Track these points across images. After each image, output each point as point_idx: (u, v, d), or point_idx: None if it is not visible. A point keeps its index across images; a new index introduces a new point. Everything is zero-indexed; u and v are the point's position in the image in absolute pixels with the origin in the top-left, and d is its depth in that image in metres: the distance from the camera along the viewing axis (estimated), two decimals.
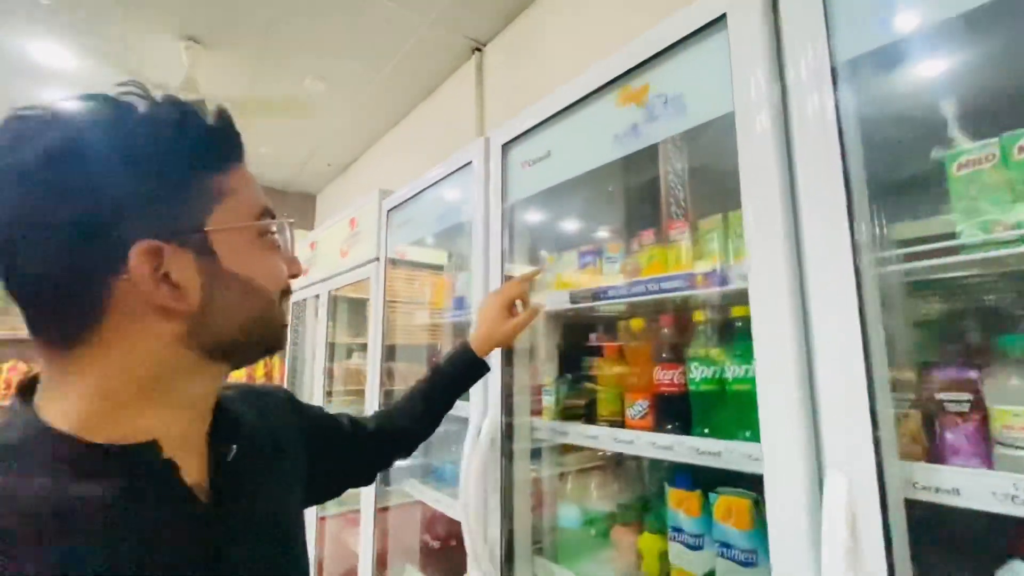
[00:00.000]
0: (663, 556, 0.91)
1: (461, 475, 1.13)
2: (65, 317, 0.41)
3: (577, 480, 1.14)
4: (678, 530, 0.88)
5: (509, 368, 1.16)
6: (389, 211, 1.80)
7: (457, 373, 0.94)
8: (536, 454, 1.21)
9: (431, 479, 1.58)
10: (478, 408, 1.19)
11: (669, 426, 0.91)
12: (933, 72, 0.71)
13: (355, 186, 3.64)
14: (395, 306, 1.86)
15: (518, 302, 1.02)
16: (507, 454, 1.14)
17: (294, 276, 0.56)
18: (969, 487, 0.54)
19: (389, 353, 1.80)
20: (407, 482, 1.64)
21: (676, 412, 0.91)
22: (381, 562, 1.73)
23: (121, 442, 0.42)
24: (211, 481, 0.48)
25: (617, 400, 1.03)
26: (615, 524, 1.02)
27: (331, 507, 2.30)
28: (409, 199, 1.69)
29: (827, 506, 0.57)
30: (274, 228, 0.52)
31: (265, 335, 0.51)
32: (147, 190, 0.42)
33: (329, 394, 2.42)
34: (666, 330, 0.97)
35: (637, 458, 1.16)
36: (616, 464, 1.14)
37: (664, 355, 0.94)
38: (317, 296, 2.48)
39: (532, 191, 1.13)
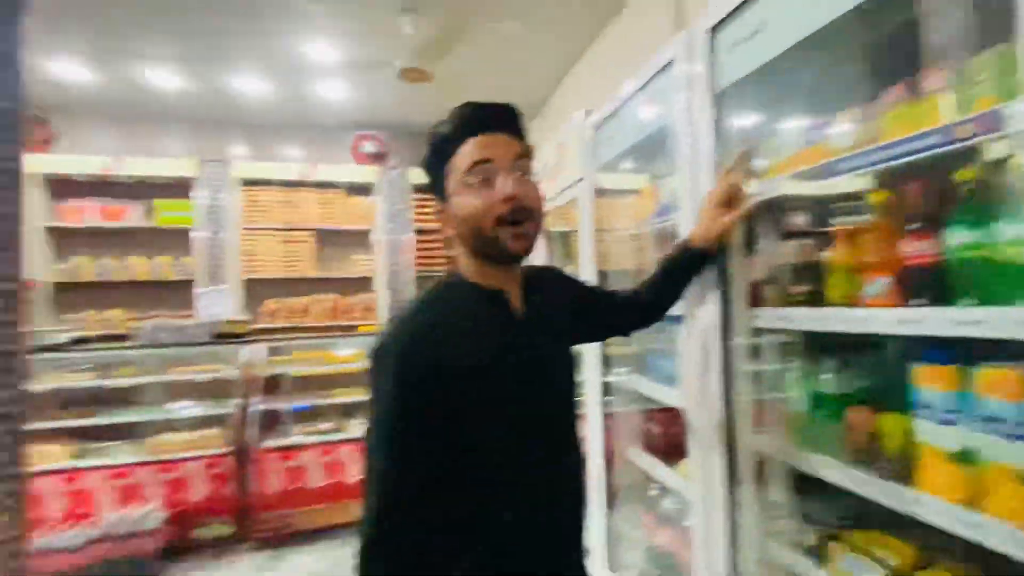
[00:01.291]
0: (907, 434, 0.87)
1: (683, 362, 1.22)
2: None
3: (802, 365, 1.12)
4: (927, 407, 0.83)
5: (725, 259, 1.17)
6: (595, 129, 1.88)
7: (682, 261, 1.14)
8: (755, 344, 1.22)
9: (651, 374, 1.70)
10: (695, 299, 1.24)
11: (916, 301, 0.84)
12: None
13: (557, 119, 3.79)
14: (600, 234, 1.95)
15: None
16: (725, 341, 1.18)
17: (508, 200, 0.78)
18: None
19: (601, 278, 1.93)
20: (629, 376, 1.81)
21: (926, 285, 0.83)
22: (608, 450, 1.97)
23: (487, 287, 0.86)
24: (525, 310, 0.89)
25: (849, 281, 0.97)
26: (848, 406, 0.99)
27: None
28: (614, 112, 1.73)
29: None
30: (474, 174, 0.79)
31: (483, 248, 0.82)
32: (437, 173, 0.85)
33: None
34: (915, 198, 0.86)
35: (868, 341, 1.05)
36: (844, 348, 1.07)
37: (912, 226, 0.86)
38: None
39: (745, 71, 1.08)
